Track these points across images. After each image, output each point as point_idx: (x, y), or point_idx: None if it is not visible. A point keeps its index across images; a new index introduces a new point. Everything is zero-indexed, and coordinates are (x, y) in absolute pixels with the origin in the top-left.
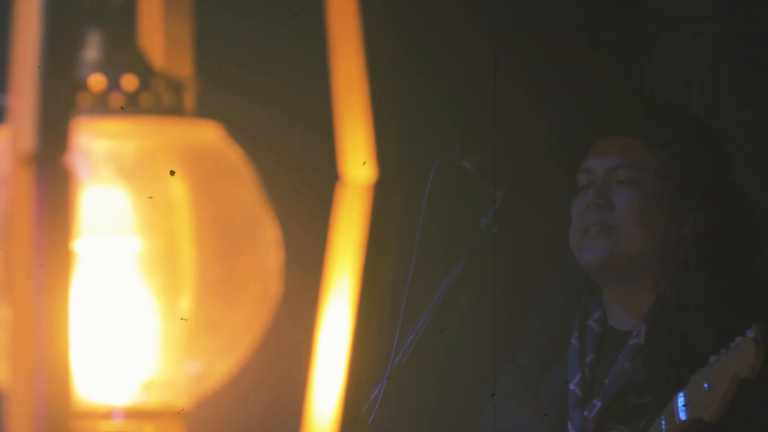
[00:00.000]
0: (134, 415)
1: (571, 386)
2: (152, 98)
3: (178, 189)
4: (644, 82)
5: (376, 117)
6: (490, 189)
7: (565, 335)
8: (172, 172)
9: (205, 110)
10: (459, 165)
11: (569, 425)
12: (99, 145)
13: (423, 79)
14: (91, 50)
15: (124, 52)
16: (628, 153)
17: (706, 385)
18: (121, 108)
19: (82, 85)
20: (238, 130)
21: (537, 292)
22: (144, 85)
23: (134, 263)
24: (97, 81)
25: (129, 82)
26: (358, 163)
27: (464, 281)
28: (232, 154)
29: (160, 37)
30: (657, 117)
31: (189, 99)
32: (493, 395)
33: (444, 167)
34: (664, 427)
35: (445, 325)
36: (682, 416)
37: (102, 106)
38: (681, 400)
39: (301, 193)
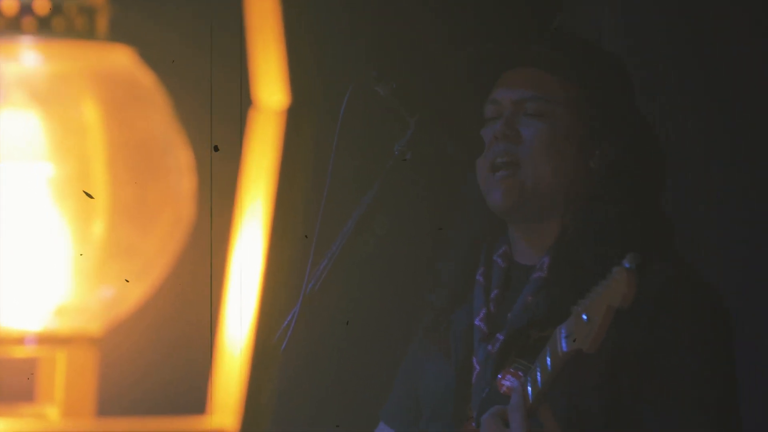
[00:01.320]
0: (47, 340)
1: (476, 321)
2: (65, 22)
3: (90, 113)
4: (553, 14)
5: (290, 41)
6: (403, 114)
7: (474, 272)
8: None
9: (117, 34)
10: (373, 90)
11: (474, 360)
12: (11, 68)
13: (337, 4)
14: None
15: None
16: (537, 85)
17: (585, 317)
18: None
19: None
20: (150, 55)
21: (446, 228)
22: (56, 8)
23: (47, 188)
24: (8, 4)
25: (41, 5)
26: (271, 89)
27: (377, 207)
28: (145, 78)
29: None
30: (564, 49)
31: (102, 23)
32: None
33: (358, 92)
34: (549, 359)
35: (358, 251)
36: (564, 348)
37: (14, 30)
38: (563, 332)
39: (213, 118)
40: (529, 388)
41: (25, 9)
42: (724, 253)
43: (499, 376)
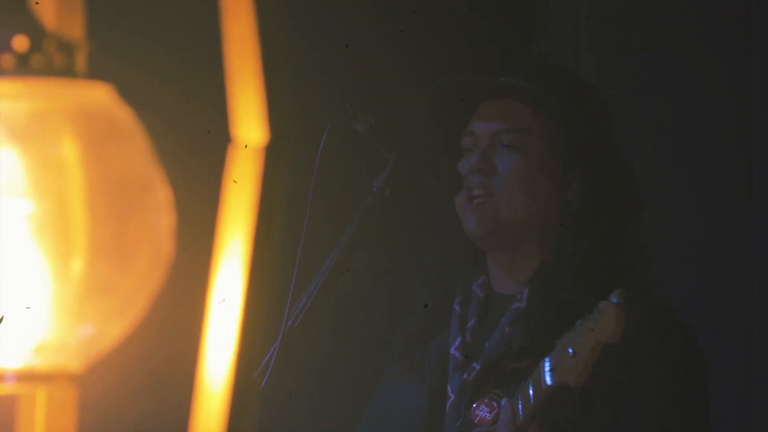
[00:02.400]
0: (26, 378)
1: (452, 350)
2: (43, 59)
3: (69, 151)
4: (532, 44)
5: (268, 79)
6: (382, 151)
7: (450, 301)
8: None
9: (96, 72)
10: (351, 127)
11: (449, 388)
12: None
13: (314, 41)
14: None
15: (14, 13)
16: (512, 117)
17: (570, 350)
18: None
19: None
20: (129, 92)
21: (420, 256)
22: (35, 46)
23: (25, 225)
24: None
25: (20, 43)
26: (249, 126)
27: (357, 244)
28: (123, 116)
29: None
30: (542, 81)
31: (80, 60)
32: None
33: (336, 129)
34: (531, 391)
35: (338, 288)
36: (549, 381)
37: None
38: (547, 365)
39: (192, 155)
40: (512, 416)
41: (4, 46)
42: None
43: (474, 405)
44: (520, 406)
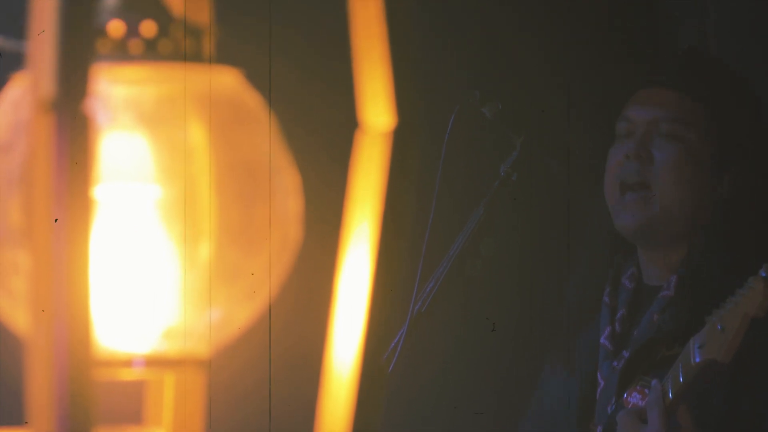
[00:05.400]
0: (155, 363)
1: (602, 340)
2: (171, 44)
3: (197, 135)
4: (684, 38)
5: (395, 63)
6: (509, 136)
7: (599, 295)
8: None
9: (224, 56)
10: (478, 111)
11: (598, 375)
12: (118, 91)
13: (441, 26)
14: None
15: None
16: (672, 106)
17: (719, 326)
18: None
19: (101, 32)
20: (257, 77)
21: (569, 251)
22: (163, 31)
23: (154, 210)
24: (116, 27)
25: (148, 28)
26: (376, 110)
27: (484, 228)
28: (251, 100)
29: None
30: (699, 72)
31: (208, 45)
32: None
33: (463, 114)
34: (681, 371)
35: (465, 273)
36: (697, 359)
37: (121, 53)
38: (696, 342)
39: (320, 139)
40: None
41: (132, 32)
42: None
43: (626, 393)
44: (669, 385)
